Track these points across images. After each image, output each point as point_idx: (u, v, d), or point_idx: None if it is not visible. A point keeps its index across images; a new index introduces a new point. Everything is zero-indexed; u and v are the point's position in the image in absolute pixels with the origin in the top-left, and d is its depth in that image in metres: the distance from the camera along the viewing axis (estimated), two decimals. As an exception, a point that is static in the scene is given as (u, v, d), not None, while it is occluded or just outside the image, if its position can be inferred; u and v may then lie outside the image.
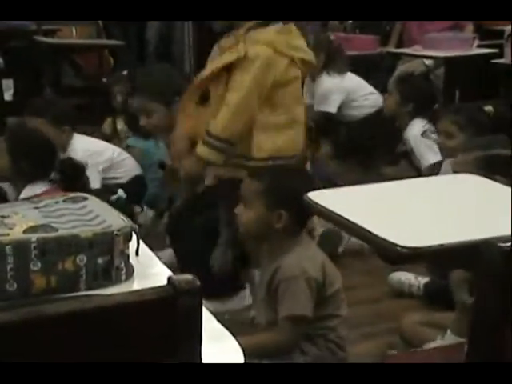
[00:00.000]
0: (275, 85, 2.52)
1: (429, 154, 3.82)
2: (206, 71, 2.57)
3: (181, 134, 2.69)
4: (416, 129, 3.90)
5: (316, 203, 1.54)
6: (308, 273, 2.13)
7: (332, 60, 4.47)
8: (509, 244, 1.16)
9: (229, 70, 2.51)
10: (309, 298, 2.12)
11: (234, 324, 1.27)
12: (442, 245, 1.29)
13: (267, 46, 2.47)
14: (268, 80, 2.50)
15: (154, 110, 2.96)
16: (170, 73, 3.29)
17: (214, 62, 2.57)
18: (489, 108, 3.86)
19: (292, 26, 2.60)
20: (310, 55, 2.64)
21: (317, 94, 4.49)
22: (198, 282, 0.88)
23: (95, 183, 3.56)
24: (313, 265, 2.16)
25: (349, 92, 4.46)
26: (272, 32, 2.51)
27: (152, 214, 3.78)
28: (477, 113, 3.40)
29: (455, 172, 2.58)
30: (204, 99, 2.58)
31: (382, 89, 4.75)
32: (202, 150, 2.56)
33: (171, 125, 2.91)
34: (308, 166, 3.44)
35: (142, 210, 3.89)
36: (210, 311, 1.13)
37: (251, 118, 2.52)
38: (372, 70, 4.95)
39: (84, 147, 3.54)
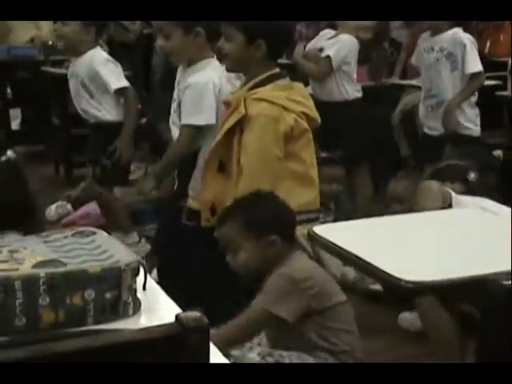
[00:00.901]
0: (287, 138, 2.45)
1: (476, 61, 3.79)
2: (216, 138, 2.53)
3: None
4: (465, 34, 3.84)
5: (321, 237, 1.56)
6: (295, 277, 2.10)
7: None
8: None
9: (237, 132, 2.47)
10: (290, 299, 2.08)
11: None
12: (445, 280, 1.30)
13: (267, 102, 2.43)
14: (276, 135, 2.43)
15: (171, 32, 2.87)
16: None
17: (222, 128, 2.52)
18: (498, 153, 3.88)
19: (293, 83, 2.57)
20: (312, 111, 2.56)
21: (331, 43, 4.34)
22: (206, 320, 0.89)
23: (122, 82, 3.75)
24: (301, 271, 2.13)
25: (347, 62, 4.28)
26: (271, 89, 2.47)
27: (148, 248, 3.72)
28: None
29: (420, 194, 2.66)
30: (222, 166, 2.54)
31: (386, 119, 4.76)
32: None
33: (190, 52, 2.87)
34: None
35: (140, 240, 3.88)
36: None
37: (273, 175, 2.44)
38: (376, 101, 4.95)
39: (104, 55, 3.83)
